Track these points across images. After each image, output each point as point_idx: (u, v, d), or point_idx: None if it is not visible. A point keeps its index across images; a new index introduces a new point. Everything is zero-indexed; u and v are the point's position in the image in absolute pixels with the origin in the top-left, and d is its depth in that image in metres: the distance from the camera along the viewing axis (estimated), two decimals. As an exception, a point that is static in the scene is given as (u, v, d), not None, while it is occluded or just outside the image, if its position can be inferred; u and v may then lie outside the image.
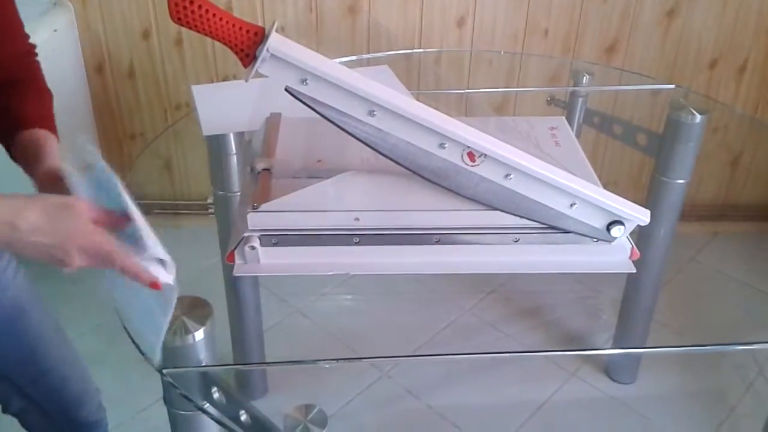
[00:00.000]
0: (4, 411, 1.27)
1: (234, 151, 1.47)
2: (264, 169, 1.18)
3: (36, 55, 1.08)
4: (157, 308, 0.80)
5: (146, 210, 0.80)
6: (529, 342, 2.07)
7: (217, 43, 0.99)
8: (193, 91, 1.56)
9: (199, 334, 0.87)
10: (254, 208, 1.04)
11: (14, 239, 0.74)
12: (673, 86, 1.91)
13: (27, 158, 0.90)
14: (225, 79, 2.33)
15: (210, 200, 2.49)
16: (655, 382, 1.95)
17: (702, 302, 2.25)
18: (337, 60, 1.01)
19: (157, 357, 0.84)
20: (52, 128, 0.97)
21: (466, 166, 1.03)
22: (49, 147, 0.91)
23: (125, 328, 0.91)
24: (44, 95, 1.03)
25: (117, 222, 0.79)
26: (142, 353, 0.91)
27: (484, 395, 1.89)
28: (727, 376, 1.98)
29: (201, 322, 0.88)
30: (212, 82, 2.32)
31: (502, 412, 1.87)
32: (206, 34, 0.96)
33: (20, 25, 1.03)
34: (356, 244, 1.07)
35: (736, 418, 1.84)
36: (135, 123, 2.38)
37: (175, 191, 2.57)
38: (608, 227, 1.06)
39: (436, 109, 1.01)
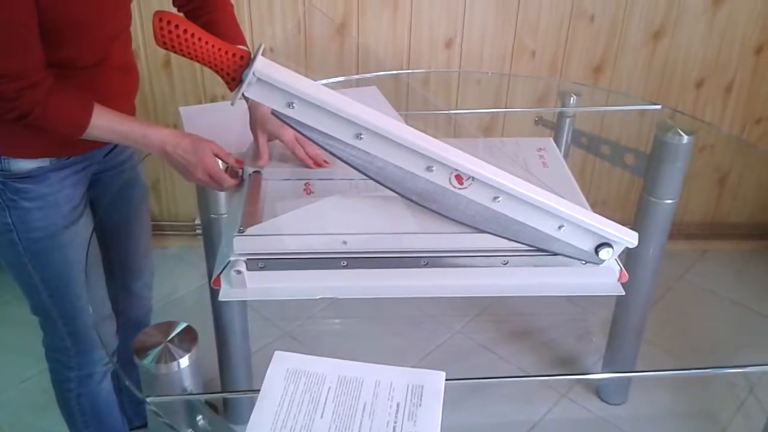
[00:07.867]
0: None
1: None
2: (255, 172, 1.19)
3: None
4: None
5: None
6: (520, 363, 2.06)
7: (204, 66, 0.98)
8: (181, 112, 1.56)
9: (184, 362, 0.86)
10: (240, 232, 1.03)
11: (166, 153, 1.17)
12: (659, 107, 1.92)
13: None
14: (213, 100, 2.33)
15: (197, 222, 2.47)
16: (645, 403, 1.94)
17: (691, 321, 2.25)
18: (326, 81, 1.01)
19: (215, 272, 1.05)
20: (239, 38, 1.32)
21: (453, 189, 1.03)
22: None
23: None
24: (227, 8, 1.34)
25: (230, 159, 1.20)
26: (128, 384, 0.90)
27: (475, 416, 1.88)
28: (718, 396, 1.97)
29: (186, 349, 0.87)
30: (200, 103, 2.31)
31: (492, 433, 1.86)
32: (192, 59, 0.96)
33: None
34: (344, 267, 1.06)
35: (727, 439, 1.83)
36: (122, 144, 2.37)
37: (163, 212, 2.55)
38: (596, 249, 1.06)
39: (424, 130, 1.01)
